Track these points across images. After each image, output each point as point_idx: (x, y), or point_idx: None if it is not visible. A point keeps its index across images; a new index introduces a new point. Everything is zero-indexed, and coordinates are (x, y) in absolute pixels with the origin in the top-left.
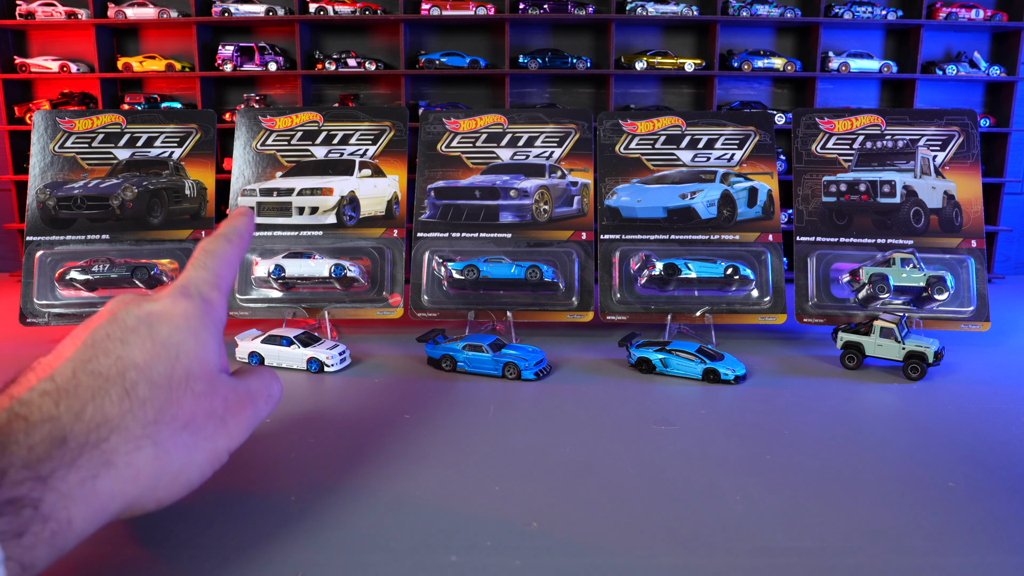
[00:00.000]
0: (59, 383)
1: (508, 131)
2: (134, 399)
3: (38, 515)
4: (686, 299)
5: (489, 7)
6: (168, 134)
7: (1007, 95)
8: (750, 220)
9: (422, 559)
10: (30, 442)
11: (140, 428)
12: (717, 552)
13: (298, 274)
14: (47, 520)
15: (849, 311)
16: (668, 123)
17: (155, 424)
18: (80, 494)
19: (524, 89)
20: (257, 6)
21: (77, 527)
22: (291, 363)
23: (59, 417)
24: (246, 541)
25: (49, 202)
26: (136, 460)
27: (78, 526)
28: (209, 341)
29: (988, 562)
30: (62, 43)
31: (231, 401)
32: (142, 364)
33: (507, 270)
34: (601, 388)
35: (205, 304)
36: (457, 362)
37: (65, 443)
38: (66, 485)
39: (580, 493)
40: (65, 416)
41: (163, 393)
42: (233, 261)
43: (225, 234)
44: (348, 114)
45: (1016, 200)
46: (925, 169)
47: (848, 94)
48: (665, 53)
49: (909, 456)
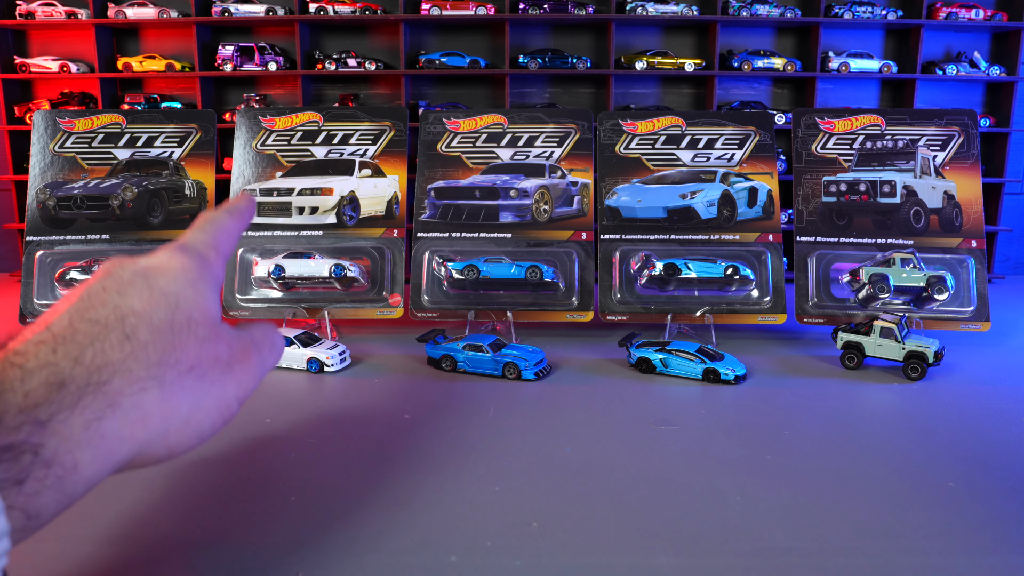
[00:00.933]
0: (55, 332)
1: (508, 131)
2: (135, 342)
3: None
4: (686, 299)
5: (489, 7)
6: (168, 134)
7: (1007, 95)
8: (750, 220)
9: (422, 559)
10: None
11: (144, 370)
12: (717, 552)
13: (298, 274)
14: (50, 465)
15: (849, 311)
16: (668, 123)
17: (159, 366)
18: (85, 437)
19: (524, 89)
20: (257, 6)
21: (84, 472)
22: (291, 363)
23: (56, 363)
24: (246, 541)
25: (49, 202)
26: (143, 401)
27: (85, 471)
28: (208, 293)
29: (988, 562)
30: (62, 43)
31: (235, 348)
32: (141, 311)
33: (507, 270)
34: (601, 388)
35: (202, 260)
36: (457, 362)
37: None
38: (69, 428)
39: (580, 493)
40: (63, 361)
41: (165, 337)
42: (233, 231)
43: (227, 208)
44: (348, 114)
45: (1016, 200)
46: (925, 169)
47: (848, 94)
48: (665, 53)
49: (909, 456)
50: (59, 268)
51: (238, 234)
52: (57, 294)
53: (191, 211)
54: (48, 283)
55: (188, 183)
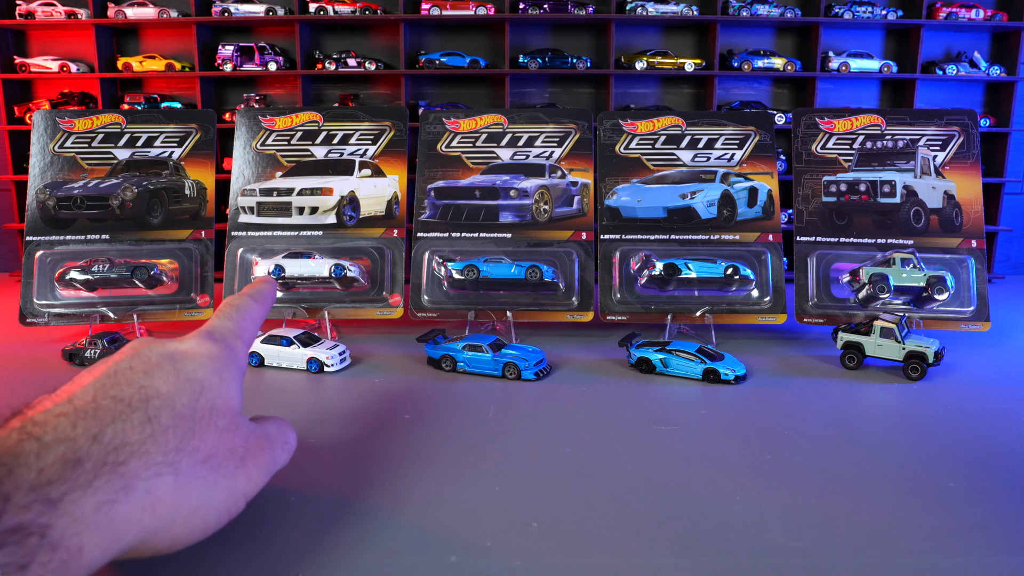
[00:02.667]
0: (77, 405)
1: (508, 131)
2: (156, 426)
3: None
4: (686, 299)
5: (489, 7)
6: (168, 134)
7: (1007, 95)
8: (750, 220)
9: (422, 559)
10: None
11: (162, 455)
12: (717, 552)
13: (298, 274)
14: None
15: (849, 311)
16: (668, 123)
17: (177, 452)
18: (95, 520)
19: (524, 89)
20: (257, 6)
21: (88, 557)
22: (291, 363)
23: (75, 438)
24: (246, 541)
25: (49, 202)
26: (156, 487)
27: (89, 555)
28: (232, 382)
29: (988, 562)
30: (62, 43)
31: (251, 443)
32: (166, 394)
33: (507, 270)
34: (601, 388)
35: (228, 349)
36: (457, 362)
37: (80, 464)
38: (80, 509)
39: (580, 493)
40: (82, 438)
41: (186, 424)
42: (257, 318)
43: (250, 294)
44: (348, 114)
45: (1016, 200)
46: (925, 169)
47: (848, 94)
48: (665, 53)
49: (909, 456)
50: (59, 268)
51: (261, 320)
52: (57, 294)
53: (191, 211)
54: (48, 283)
55: (188, 183)
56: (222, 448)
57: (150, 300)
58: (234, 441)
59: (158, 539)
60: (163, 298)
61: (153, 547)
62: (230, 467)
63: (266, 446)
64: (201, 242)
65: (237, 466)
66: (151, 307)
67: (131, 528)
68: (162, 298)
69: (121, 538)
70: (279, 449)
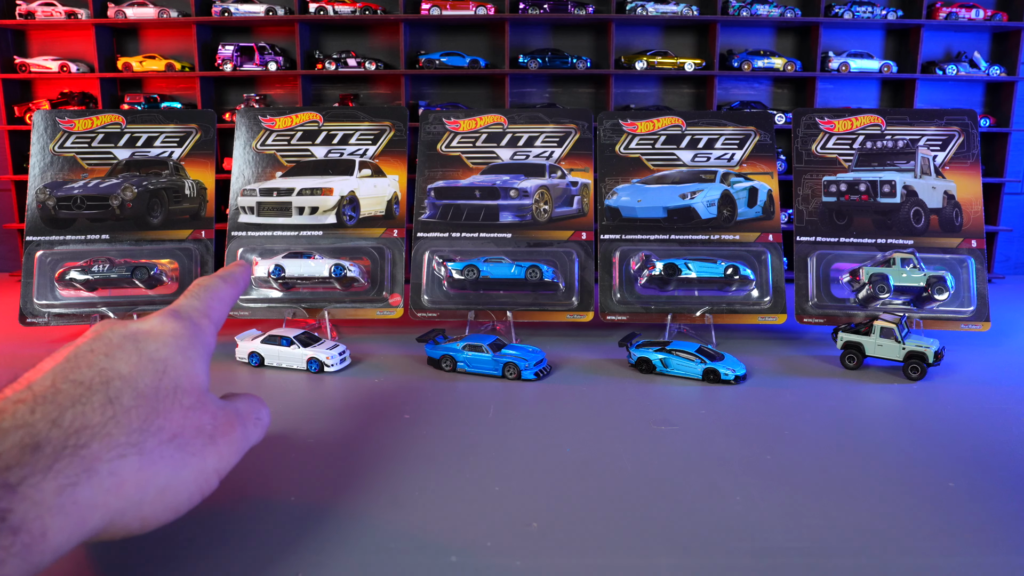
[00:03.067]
0: (36, 391)
1: (508, 131)
2: (118, 407)
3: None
4: (686, 299)
5: (489, 7)
6: (168, 134)
7: (1007, 95)
8: (750, 220)
9: (422, 559)
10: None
11: (124, 436)
12: (717, 552)
13: (298, 274)
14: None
15: (849, 311)
16: (668, 123)
17: (140, 432)
18: (57, 503)
19: (524, 89)
20: (257, 6)
21: (53, 540)
22: (291, 363)
23: (33, 423)
24: (246, 541)
25: (49, 202)
26: (120, 468)
27: (54, 539)
28: (197, 361)
29: (988, 562)
30: (62, 43)
31: (220, 420)
32: (127, 375)
33: (507, 270)
34: (601, 388)
35: (194, 327)
36: (457, 362)
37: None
38: (40, 493)
39: (580, 493)
40: (40, 423)
41: (149, 403)
42: (226, 298)
43: (222, 275)
44: (348, 114)
45: (1016, 200)
46: (925, 169)
47: (848, 94)
48: (665, 53)
49: (909, 456)
50: (59, 268)
51: (232, 301)
52: (57, 294)
53: (191, 211)
54: (48, 283)
55: (188, 183)
56: (188, 426)
57: (150, 300)
58: (201, 419)
59: (127, 520)
60: (163, 298)
61: (124, 528)
62: (198, 445)
63: (236, 423)
64: (201, 242)
65: (206, 444)
66: (151, 307)
67: (96, 510)
68: (162, 298)
69: (87, 520)
70: (251, 425)
